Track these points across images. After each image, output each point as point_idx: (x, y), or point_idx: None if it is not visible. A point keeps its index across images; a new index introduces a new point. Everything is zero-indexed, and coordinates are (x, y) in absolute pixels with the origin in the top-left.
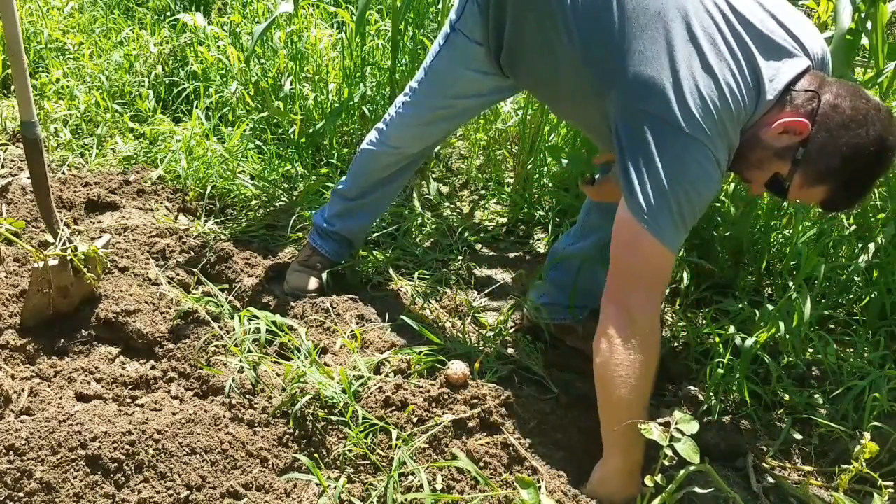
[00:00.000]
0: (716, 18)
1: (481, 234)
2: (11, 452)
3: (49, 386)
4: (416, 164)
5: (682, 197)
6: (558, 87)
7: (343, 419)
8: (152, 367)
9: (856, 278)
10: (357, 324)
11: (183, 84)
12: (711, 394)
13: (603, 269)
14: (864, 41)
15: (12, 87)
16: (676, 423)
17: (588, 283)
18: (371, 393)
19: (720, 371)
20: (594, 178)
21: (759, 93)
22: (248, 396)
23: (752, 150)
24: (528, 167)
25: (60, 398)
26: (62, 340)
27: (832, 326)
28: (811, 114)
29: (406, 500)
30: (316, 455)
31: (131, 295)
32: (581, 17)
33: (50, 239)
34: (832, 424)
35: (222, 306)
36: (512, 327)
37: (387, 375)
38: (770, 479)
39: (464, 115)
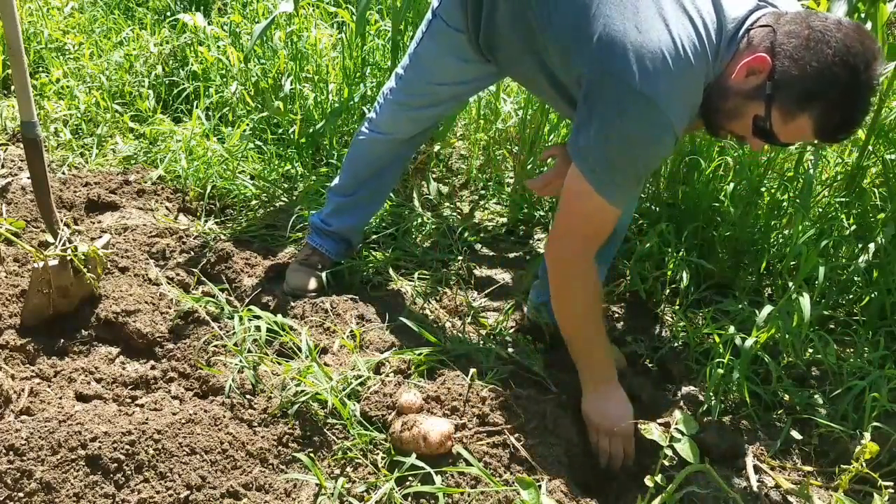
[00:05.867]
0: None
1: (481, 234)
2: (11, 452)
3: (49, 386)
4: (408, 155)
5: (631, 156)
6: (532, 64)
7: (343, 419)
8: (152, 367)
9: (856, 278)
10: (357, 324)
11: (183, 84)
12: (711, 394)
13: None
14: None
15: (12, 87)
16: (676, 423)
17: None
18: (371, 393)
19: (720, 371)
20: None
21: (721, 44)
22: (248, 396)
23: (726, 101)
24: (528, 167)
25: (60, 398)
26: (62, 340)
27: (832, 326)
28: (770, 48)
29: (406, 499)
30: (316, 455)
31: (131, 295)
32: None
33: (50, 239)
34: (832, 424)
35: (222, 306)
36: (512, 327)
37: (387, 375)
38: (770, 479)
39: (452, 101)
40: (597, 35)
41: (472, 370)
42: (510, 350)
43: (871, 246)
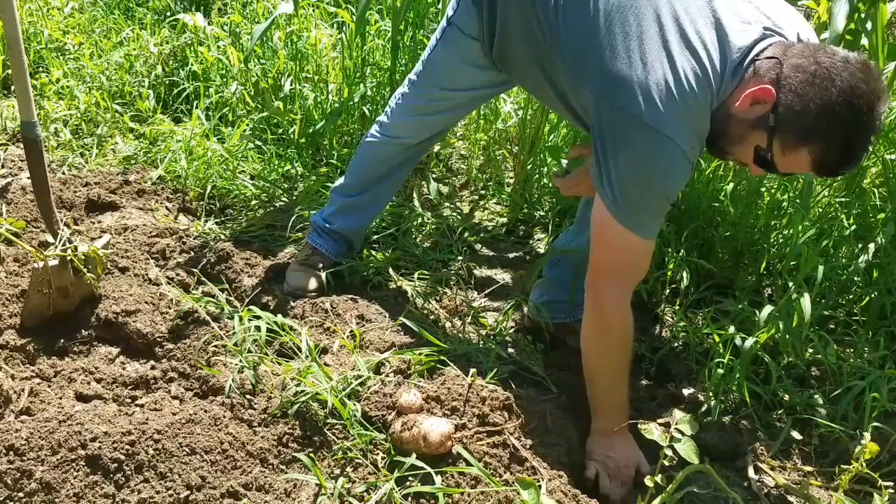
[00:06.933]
0: (689, 7)
1: (481, 234)
2: (11, 452)
3: (49, 386)
4: (416, 160)
5: (648, 188)
6: (542, 80)
7: (343, 419)
8: (152, 368)
9: (856, 278)
10: (357, 324)
11: (183, 84)
12: (711, 394)
13: None
14: (864, 41)
15: (12, 87)
16: (676, 423)
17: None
18: (371, 393)
19: (720, 371)
20: (567, 172)
21: (725, 73)
22: (248, 396)
23: (731, 126)
24: (528, 167)
25: (60, 398)
26: (62, 340)
27: (832, 326)
28: (776, 80)
29: (406, 499)
30: (316, 455)
31: (131, 295)
32: (560, 11)
33: (50, 239)
34: (832, 424)
35: (222, 306)
36: (512, 327)
37: (387, 375)
38: (770, 479)
39: (463, 108)
40: (602, 66)
41: (472, 370)
42: (510, 350)
43: (871, 246)
